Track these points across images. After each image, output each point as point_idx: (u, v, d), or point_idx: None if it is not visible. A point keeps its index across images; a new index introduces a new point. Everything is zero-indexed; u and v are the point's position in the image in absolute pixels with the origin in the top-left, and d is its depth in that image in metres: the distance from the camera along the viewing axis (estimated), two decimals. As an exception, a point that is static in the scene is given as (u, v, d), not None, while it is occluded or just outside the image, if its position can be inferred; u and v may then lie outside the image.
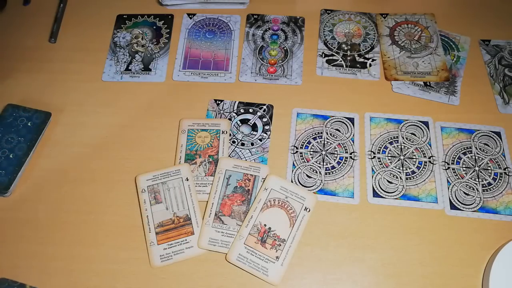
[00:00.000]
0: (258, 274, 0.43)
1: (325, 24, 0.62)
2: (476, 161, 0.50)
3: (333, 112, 0.54)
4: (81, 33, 0.62)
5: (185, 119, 0.53)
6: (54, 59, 0.59)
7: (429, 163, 0.50)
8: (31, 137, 0.51)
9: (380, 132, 0.52)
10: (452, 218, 0.47)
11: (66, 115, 0.54)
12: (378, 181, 0.49)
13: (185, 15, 0.63)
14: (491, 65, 0.58)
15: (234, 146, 0.52)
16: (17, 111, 0.53)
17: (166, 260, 0.44)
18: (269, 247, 0.44)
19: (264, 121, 0.53)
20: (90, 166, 0.50)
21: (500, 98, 0.55)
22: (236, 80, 0.57)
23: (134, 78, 0.57)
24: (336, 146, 0.51)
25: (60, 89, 0.56)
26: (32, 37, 0.61)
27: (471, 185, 0.49)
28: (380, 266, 0.44)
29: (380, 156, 0.51)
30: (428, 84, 0.56)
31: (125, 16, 0.63)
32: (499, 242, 0.45)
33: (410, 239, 0.45)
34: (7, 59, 0.59)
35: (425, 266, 0.44)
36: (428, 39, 0.60)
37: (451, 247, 0.45)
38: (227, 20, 0.62)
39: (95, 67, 0.58)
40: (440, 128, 0.53)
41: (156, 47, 0.60)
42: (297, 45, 0.60)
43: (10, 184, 0.48)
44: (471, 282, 0.43)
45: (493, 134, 0.52)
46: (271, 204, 0.46)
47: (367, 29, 0.61)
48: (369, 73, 0.57)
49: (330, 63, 0.58)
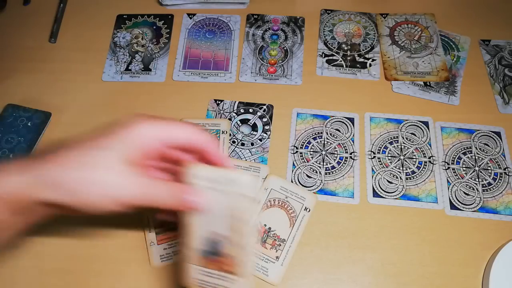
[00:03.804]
0: (258, 274, 0.43)
1: (325, 24, 0.62)
2: (476, 161, 0.50)
3: (333, 112, 0.54)
4: (81, 33, 0.62)
5: (185, 119, 0.53)
6: (54, 59, 0.59)
7: (429, 163, 0.50)
8: (31, 137, 0.51)
9: (380, 132, 0.52)
10: (452, 218, 0.47)
11: (66, 115, 0.54)
12: (378, 181, 0.49)
13: (185, 15, 0.63)
14: (491, 65, 0.58)
15: (234, 146, 0.52)
16: (17, 111, 0.53)
17: (166, 260, 0.44)
18: (269, 247, 0.44)
19: (264, 121, 0.53)
20: (90, 166, 0.50)
21: (500, 98, 0.55)
22: (236, 80, 0.57)
23: (134, 78, 0.57)
24: (336, 146, 0.52)
25: (60, 89, 0.56)
26: (32, 37, 0.61)
27: (471, 185, 0.49)
28: (380, 266, 0.44)
29: (380, 156, 0.51)
30: (428, 84, 0.56)
31: (125, 16, 0.63)
32: (499, 242, 0.45)
33: (410, 239, 0.45)
34: (7, 59, 0.59)
35: (425, 266, 0.44)
36: (428, 39, 0.60)
37: (451, 247, 0.45)
38: (227, 20, 0.62)
39: (95, 67, 0.58)
40: (440, 128, 0.53)
41: (156, 47, 0.60)
42: (297, 45, 0.60)
43: (10, 184, 0.48)
44: (471, 282, 0.43)
45: (493, 134, 0.52)
46: (271, 204, 0.46)
47: (367, 29, 0.61)
48: (369, 73, 0.57)
49: (330, 63, 0.58)
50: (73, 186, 0.28)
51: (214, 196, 0.32)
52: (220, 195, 0.32)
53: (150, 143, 0.31)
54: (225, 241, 0.33)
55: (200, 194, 0.32)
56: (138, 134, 0.30)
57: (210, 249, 0.33)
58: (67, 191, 0.28)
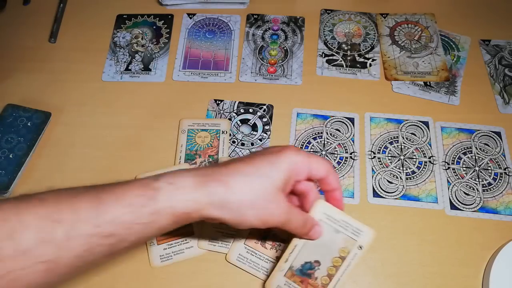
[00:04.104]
0: (258, 274, 0.43)
1: (325, 24, 0.62)
2: (476, 161, 0.50)
3: (333, 112, 0.54)
4: (81, 33, 0.62)
5: (185, 119, 0.53)
6: (54, 59, 0.59)
7: (429, 163, 0.50)
8: (31, 137, 0.51)
9: (380, 132, 0.52)
10: (452, 218, 0.47)
11: (66, 115, 0.54)
12: (378, 181, 0.49)
13: (185, 15, 0.63)
14: (491, 65, 0.58)
15: (234, 146, 0.52)
16: (17, 111, 0.53)
17: (166, 260, 0.44)
18: (269, 248, 0.44)
19: (264, 121, 0.53)
20: (90, 166, 0.50)
21: (500, 98, 0.55)
22: (236, 80, 0.57)
23: (134, 78, 0.57)
24: (336, 146, 0.51)
25: (60, 89, 0.56)
26: (32, 37, 0.61)
27: (471, 185, 0.49)
28: (380, 266, 0.44)
29: (380, 156, 0.51)
30: (428, 84, 0.56)
31: (125, 16, 0.63)
32: (499, 242, 0.45)
33: (410, 239, 0.45)
34: (7, 59, 0.59)
35: (425, 266, 0.44)
36: (428, 39, 0.60)
37: (451, 247, 0.45)
38: (227, 20, 0.62)
39: (95, 67, 0.58)
40: (440, 128, 0.53)
41: (156, 47, 0.60)
42: (297, 45, 0.60)
43: (10, 184, 0.48)
44: (471, 282, 0.43)
45: (493, 134, 0.52)
46: None
47: (367, 29, 0.61)
48: (369, 73, 0.57)
49: (330, 63, 0.58)
50: (235, 208, 0.33)
51: (329, 231, 0.39)
52: (335, 232, 0.39)
53: (298, 173, 0.35)
54: (321, 268, 0.39)
55: (322, 228, 0.38)
56: (289, 165, 0.34)
57: (304, 270, 0.39)
58: (229, 211, 0.33)
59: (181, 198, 0.31)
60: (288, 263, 0.39)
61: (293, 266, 0.39)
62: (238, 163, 0.34)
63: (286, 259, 0.39)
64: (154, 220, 0.31)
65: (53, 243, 0.28)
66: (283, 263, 0.40)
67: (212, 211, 0.32)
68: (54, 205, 0.29)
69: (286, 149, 0.35)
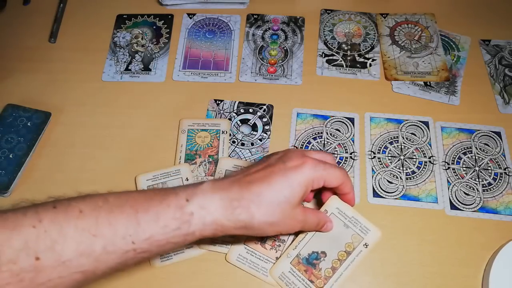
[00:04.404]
0: (258, 274, 0.43)
1: (325, 24, 0.62)
2: (476, 161, 0.50)
3: (333, 112, 0.54)
4: (81, 33, 0.62)
5: (185, 119, 0.53)
6: (54, 59, 0.59)
7: (429, 163, 0.50)
8: (31, 137, 0.51)
9: (380, 132, 0.52)
10: (452, 218, 0.47)
11: (66, 115, 0.54)
12: (378, 181, 0.49)
13: (185, 15, 0.63)
14: (491, 65, 0.58)
15: (234, 146, 0.52)
16: (17, 111, 0.53)
17: (166, 260, 0.44)
18: (269, 248, 0.44)
19: (264, 121, 0.53)
20: (90, 166, 0.50)
21: (500, 98, 0.55)
22: (236, 80, 0.57)
23: (134, 78, 0.57)
24: (336, 146, 0.51)
25: (60, 89, 0.56)
26: (32, 37, 0.61)
27: (471, 185, 0.49)
28: (380, 266, 0.44)
29: (380, 156, 0.51)
30: (428, 84, 0.56)
31: (125, 16, 0.63)
32: (499, 242, 0.45)
33: (410, 239, 0.45)
34: (7, 59, 0.59)
35: (425, 266, 0.44)
36: (428, 39, 0.60)
37: (451, 247, 0.45)
38: (227, 20, 0.62)
39: (95, 67, 0.58)
40: (440, 128, 0.53)
41: (156, 47, 0.60)
42: (297, 45, 0.60)
43: (10, 184, 0.48)
44: (471, 282, 0.43)
45: (493, 134, 0.52)
46: None
47: (367, 29, 0.61)
48: (369, 73, 0.57)
49: (330, 63, 0.58)
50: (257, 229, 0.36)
51: (339, 225, 0.42)
52: (344, 227, 0.42)
53: (314, 186, 0.38)
54: (326, 260, 0.42)
55: (333, 223, 0.42)
56: (307, 183, 0.37)
57: (310, 260, 0.42)
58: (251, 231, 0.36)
59: (211, 223, 0.35)
60: (296, 251, 0.42)
61: (300, 254, 0.42)
62: (259, 185, 0.36)
63: (295, 246, 0.42)
64: (185, 240, 0.34)
65: (91, 256, 0.30)
66: (291, 250, 0.42)
67: (235, 231, 0.36)
68: (92, 219, 0.31)
69: (304, 166, 0.37)
